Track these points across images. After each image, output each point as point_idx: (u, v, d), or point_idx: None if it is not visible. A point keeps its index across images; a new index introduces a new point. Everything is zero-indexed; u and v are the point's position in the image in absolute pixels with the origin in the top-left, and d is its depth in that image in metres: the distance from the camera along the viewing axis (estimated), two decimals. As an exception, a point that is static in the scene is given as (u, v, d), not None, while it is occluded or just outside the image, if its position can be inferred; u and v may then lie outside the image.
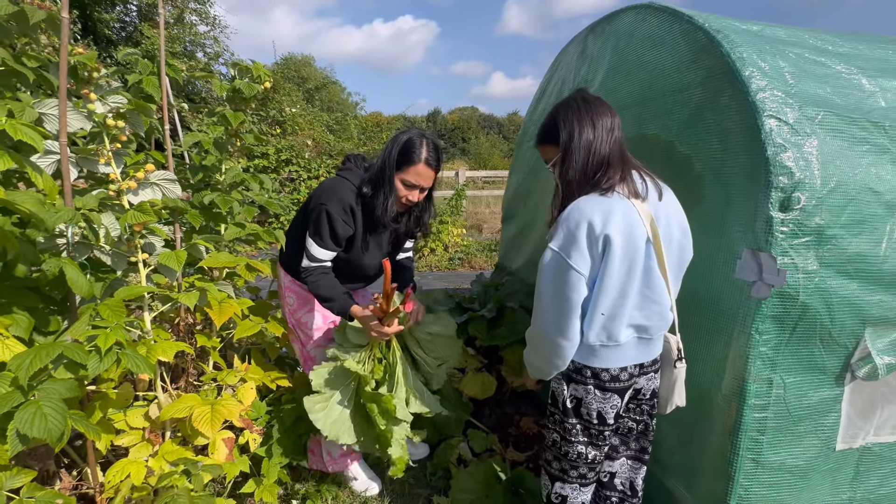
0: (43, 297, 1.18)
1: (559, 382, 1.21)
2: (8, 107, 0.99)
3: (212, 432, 1.26)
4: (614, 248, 1.01)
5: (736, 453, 1.22)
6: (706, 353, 1.33)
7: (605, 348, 1.11)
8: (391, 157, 1.45)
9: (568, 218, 1.05)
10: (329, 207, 1.46)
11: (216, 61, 11.35)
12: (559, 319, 1.07)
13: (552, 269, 1.06)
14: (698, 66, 1.41)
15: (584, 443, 1.19)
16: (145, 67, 1.57)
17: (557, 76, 2.56)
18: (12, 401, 0.91)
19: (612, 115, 1.13)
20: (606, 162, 1.09)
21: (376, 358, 1.53)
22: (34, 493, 0.99)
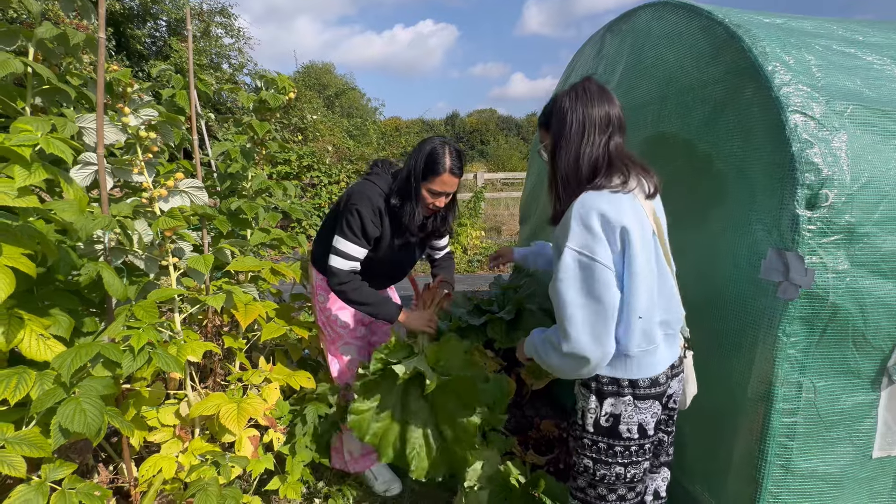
0: (82, 300, 1.26)
1: (586, 399, 1.08)
2: (52, 121, 1.06)
3: (238, 429, 1.31)
4: (634, 241, 0.94)
5: (764, 459, 1.19)
6: (731, 356, 1.30)
7: (643, 354, 1.02)
8: (416, 168, 1.50)
9: (579, 212, 0.96)
10: (360, 207, 1.53)
11: (240, 72, 11.72)
12: (596, 328, 0.94)
13: (576, 271, 0.95)
14: (719, 62, 1.38)
15: (622, 463, 1.07)
16: (178, 82, 1.65)
17: (575, 76, 2.54)
18: (55, 397, 0.97)
19: (612, 106, 1.04)
20: (599, 162, 1.02)
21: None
22: (75, 485, 1.04)
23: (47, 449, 0.96)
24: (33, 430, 1.00)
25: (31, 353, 0.97)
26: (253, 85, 1.82)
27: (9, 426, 0.99)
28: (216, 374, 1.80)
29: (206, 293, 1.60)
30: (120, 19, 9.89)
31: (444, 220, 1.70)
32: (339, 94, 16.30)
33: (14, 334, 0.94)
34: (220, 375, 1.83)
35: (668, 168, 1.62)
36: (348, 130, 9.12)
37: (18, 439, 0.96)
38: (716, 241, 1.38)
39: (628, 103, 1.88)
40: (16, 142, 0.85)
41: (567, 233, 0.97)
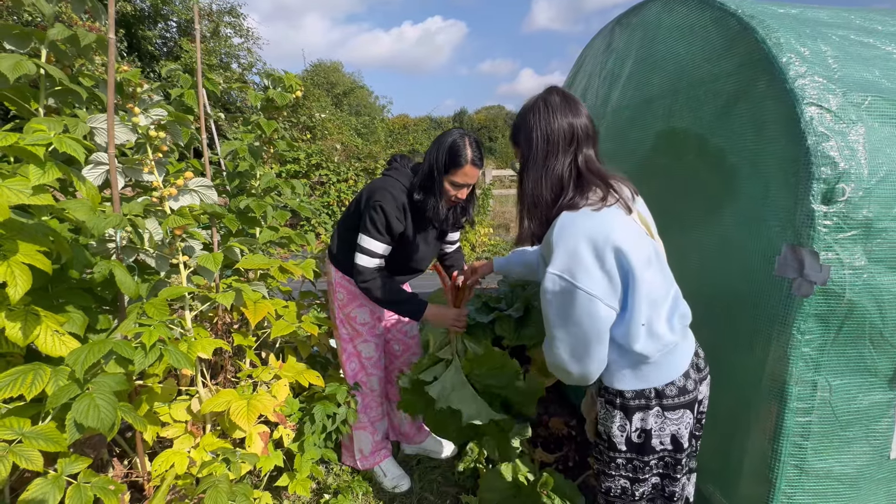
0: (95, 297, 1.28)
1: (611, 417, 1.03)
2: (64, 122, 1.08)
3: (248, 425, 1.32)
4: (629, 257, 0.90)
5: (777, 459, 1.17)
6: (743, 354, 1.28)
7: (663, 355, 0.98)
8: (438, 161, 1.50)
9: (562, 235, 0.92)
10: (384, 204, 1.53)
11: (249, 71, 11.82)
12: (576, 350, 0.96)
13: (556, 295, 0.93)
14: (731, 54, 1.35)
15: (659, 474, 1.04)
16: (186, 81, 1.67)
17: (584, 71, 2.52)
18: (70, 392, 0.99)
19: (577, 116, 0.99)
20: (564, 180, 0.98)
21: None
22: (90, 479, 1.07)
23: (63, 443, 0.98)
24: (49, 425, 1.02)
25: (47, 348, 0.99)
26: (261, 84, 1.83)
27: (26, 421, 1.01)
28: (226, 370, 1.82)
29: (216, 291, 1.62)
30: (131, 20, 10.03)
31: (465, 211, 1.71)
32: (348, 92, 16.36)
33: (31, 330, 0.96)
34: (230, 372, 1.85)
35: (679, 163, 1.59)
36: (356, 128, 9.16)
37: (35, 434, 0.98)
38: (727, 237, 1.36)
39: (638, 98, 1.86)
40: (30, 141, 0.86)
41: (551, 255, 0.94)
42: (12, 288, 0.84)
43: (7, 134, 0.86)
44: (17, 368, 0.99)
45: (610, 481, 1.06)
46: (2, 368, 1.06)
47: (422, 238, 1.68)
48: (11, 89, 1.15)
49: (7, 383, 0.95)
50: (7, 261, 0.85)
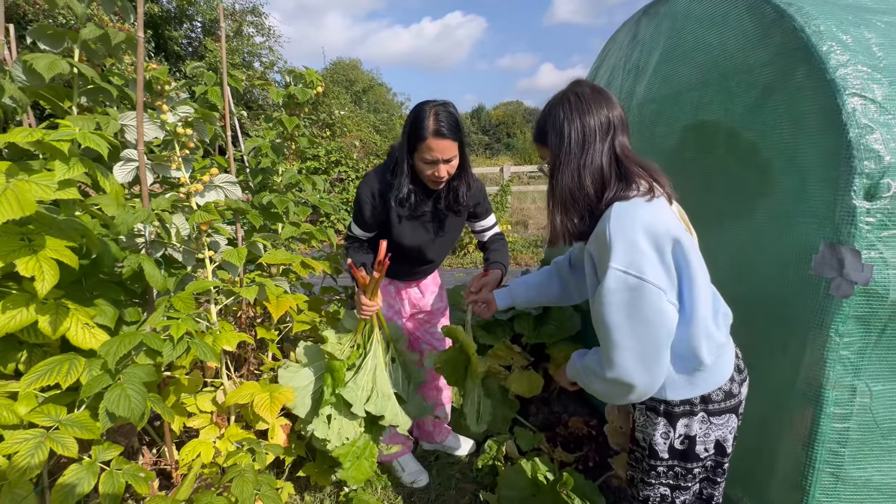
0: (125, 290, 1.31)
1: (653, 424, 0.98)
2: (97, 119, 1.11)
3: (271, 417, 1.35)
4: (686, 248, 0.86)
5: (812, 466, 1.12)
6: (776, 356, 1.23)
7: (716, 360, 0.94)
8: (404, 138, 1.40)
9: (619, 227, 0.85)
10: (360, 192, 1.51)
11: (271, 69, 12.01)
12: (646, 355, 0.85)
13: (622, 293, 0.84)
14: (767, 43, 1.29)
15: (701, 480, 1.01)
16: (210, 79, 1.70)
17: (606, 65, 2.46)
18: (102, 382, 1.02)
19: (611, 107, 0.95)
20: (605, 171, 0.93)
21: (358, 344, 1.47)
22: (121, 466, 1.10)
23: (96, 431, 1.02)
24: (84, 414, 1.06)
25: (77, 341, 1.03)
26: (283, 82, 1.86)
27: (62, 409, 1.05)
28: (250, 363, 1.86)
29: (240, 285, 1.65)
30: (158, 21, 10.30)
31: (457, 195, 1.53)
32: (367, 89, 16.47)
33: (60, 323, 0.99)
34: (253, 364, 1.88)
35: (707, 158, 1.54)
36: (375, 125, 9.21)
37: (70, 421, 1.01)
38: (760, 235, 1.31)
39: (665, 91, 1.80)
40: (55, 137, 0.89)
41: (609, 251, 0.85)
42: (40, 282, 0.87)
43: (33, 130, 0.89)
44: (53, 358, 1.03)
45: (649, 490, 1.01)
46: (39, 358, 1.11)
47: (414, 223, 1.56)
48: (47, 88, 1.19)
49: (44, 372, 0.99)
50: (36, 255, 0.88)
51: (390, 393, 1.46)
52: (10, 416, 1.02)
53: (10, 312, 0.93)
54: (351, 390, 1.36)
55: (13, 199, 0.79)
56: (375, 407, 1.39)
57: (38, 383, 0.97)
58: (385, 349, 1.51)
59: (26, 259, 0.86)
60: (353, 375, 1.40)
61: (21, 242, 0.90)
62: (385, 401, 1.42)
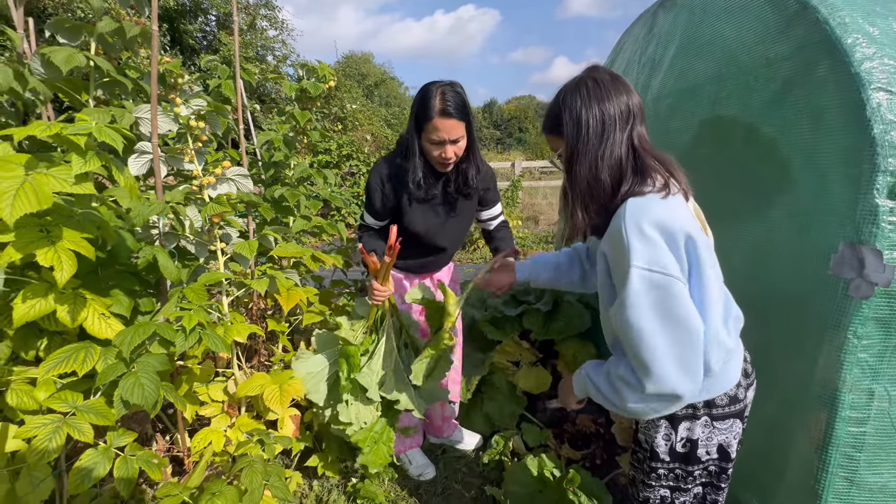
0: (140, 281, 1.34)
1: (655, 426, 0.96)
2: (112, 112, 1.13)
3: (281, 409, 1.36)
4: (700, 248, 0.82)
5: (825, 470, 1.10)
6: (790, 357, 1.20)
7: (723, 366, 0.91)
8: (412, 120, 1.39)
9: (634, 224, 0.81)
10: (369, 180, 1.52)
11: (284, 63, 12.07)
12: (685, 357, 0.79)
13: (648, 293, 0.79)
14: (788, 36, 1.26)
15: (703, 484, 0.99)
16: (223, 72, 1.71)
17: (622, 58, 2.42)
18: (117, 371, 1.05)
19: (630, 94, 0.89)
20: (623, 162, 0.89)
21: (370, 330, 1.46)
22: (135, 452, 1.13)
23: (111, 418, 1.04)
24: (99, 401, 1.09)
25: (94, 330, 1.05)
26: (296, 75, 1.86)
27: (78, 395, 1.07)
28: (260, 353, 1.89)
29: (251, 277, 1.67)
30: (174, 15, 10.40)
31: (466, 178, 1.51)
32: (378, 83, 16.46)
33: (78, 312, 1.01)
34: (263, 355, 1.91)
35: (723, 154, 1.51)
36: (386, 119, 9.22)
37: (87, 408, 1.04)
38: (776, 233, 1.28)
39: (681, 85, 1.76)
40: (72, 131, 0.90)
41: (626, 250, 0.80)
42: (59, 272, 0.89)
43: (51, 124, 0.91)
44: (70, 346, 1.05)
45: (649, 491, 1.00)
46: (58, 345, 1.14)
47: (424, 208, 1.55)
48: (65, 81, 1.22)
49: (62, 360, 1.02)
50: (54, 246, 0.90)
51: (404, 378, 1.45)
52: (29, 402, 1.06)
53: (30, 301, 0.96)
54: (366, 375, 1.36)
55: (31, 193, 0.81)
56: (391, 393, 1.39)
57: (56, 370, 1.00)
58: (398, 335, 1.51)
59: (45, 250, 0.88)
60: (367, 361, 1.40)
61: (40, 234, 0.92)
62: (401, 385, 1.42)
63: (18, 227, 0.89)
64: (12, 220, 0.80)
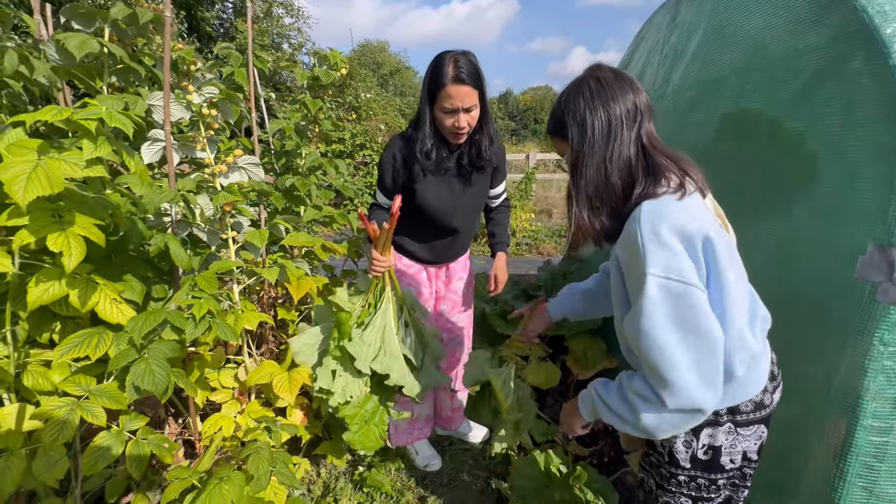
0: (153, 268, 1.35)
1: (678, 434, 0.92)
2: (125, 99, 1.13)
3: (290, 397, 1.38)
4: (719, 250, 0.78)
5: (843, 479, 1.06)
6: (810, 362, 1.16)
7: (750, 369, 0.88)
8: (424, 89, 1.38)
9: (649, 228, 0.78)
10: (382, 157, 1.52)
11: (300, 51, 12.07)
12: (704, 368, 0.76)
13: (666, 302, 0.76)
14: (821, 25, 1.19)
15: (726, 493, 0.96)
16: (236, 60, 1.70)
17: (643, 48, 2.34)
18: (129, 357, 1.06)
19: (637, 93, 0.85)
20: (632, 162, 0.85)
21: (369, 303, 1.42)
22: (147, 436, 1.15)
23: (123, 402, 1.06)
24: (112, 385, 1.11)
25: (105, 315, 1.07)
26: (310, 63, 1.84)
27: (91, 379, 1.09)
28: (269, 341, 1.90)
29: (262, 266, 1.68)
30: (191, 2, 10.45)
31: (480, 149, 1.49)
32: (393, 72, 16.35)
33: (89, 297, 1.03)
34: (273, 343, 1.93)
35: (746, 149, 1.45)
36: (401, 109, 9.16)
37: (100, 392, 1.06)
38: (799, 232, 1.23)
39: (704, 76, 1.70)
40: (82, 115, 0.91)
41: (641, 256, 0.77)
42: (67, 257, 0.90)
43: (62, 109, 0.91)
44: (83, 331, 1.07)
45: (669, 497, 0.96)
46: (71, 330, 1.16)
47: (438, 183, 1.52)
48: (80, 68, 1.22)
49: (75, 344, 1.04)
50: (65, 231, 0.91)
51: (399, 354, 1.41)
52: (45, 383, 1.08)
53: (43, 285, 0.97)
54: (356, 345, 1.31)
55: (43, 177, 0.82)
56: (381, 365, 1.34)
57: (69, 354, 1.02)
58: (397, 311, 1.46)
59: (56, 235, 0.89)
60: (361, 332, 1.36)
61: (52, 219, 0.93)
62: (392, 361, 1.37)
63: (31, 210, 0.90)
64: (25, 202, 0.80)
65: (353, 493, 1.75)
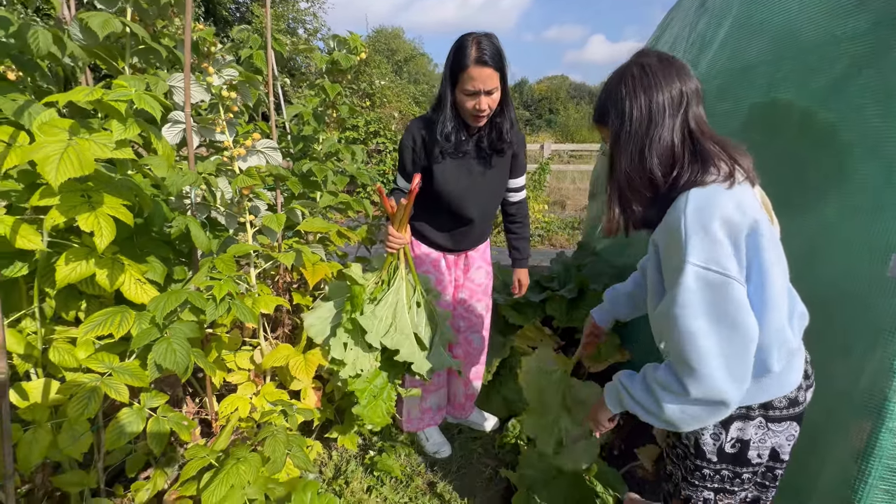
0: (173, 250, 1.37)
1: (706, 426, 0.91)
2: (146, 80, 1.13)
3: (306, 379, 1.39)
4: (764, 244, 0.76)
5: (864, 481, 1.04)
6: (834, 361, 1.13)
7: (785, 365, 0.86)
8: (445, 72, 1.38)
9: (697, 217, 0.76)
10: (402, 140, 1.52)
11: (315, 36, 12.01)
12: (732, 363, 0.75)
13: (703, 293, 0.75)
14: (863, 10, 1.14)
15: (754, 493, 0.96)
16: (255, 42, 1.69)
17: (669, 34, 2.27)
18: (151, 335, 1.08)
19: (684, 79, 0.83)
20: (676, 150, 0.83)
21: (383, 280, 1.42)
22: (167, 413, 1.18)
23: (145, 380, 1.08)
24: (134, 363, 1.13)
25: (130, 295, 1.08)
26: (326, 49, 1.83)
27: (114, 357, 1.12)
28: (285, 325, 1.93)
29: (278, 251, 1.69)
30: (208, -15, 10.44)
31: (501, 132, 1.48)
32: (408, 59, 16.20)
33: (116, 277, 1.04)
34: (287, 326, 1.95)
35: (776, 140, 1.41)
36: (415, 97, 9.09)
37: (122, 369, 1.08)
38: (830, 228, 1.19)
39: (733, 65, 1.64)
40: (112, 97, 0.91)
41: (682, 244, 0.76)
42: (98, 237, 0.91)
43: (93, 89, 0.91)
44: (106, 310, 1.09)
45: (692, 491, 0.95)
46: (96, 308, 1.18)
47: (457, 168, 1.51)
48: (102, 48, 1.22)
49: (99, 323, 1.06)
50: (95, 212, 0.92)
51: (409, 332, 1.41)
52: (70, 360, 1.11)
53: (72, 264, 0.99)
54: (368, 319, 1.32)
55: (74, 158, 0.83)
56: (392, 341, 1.35)
57: (93, 332, 1.04)
58: (410, 290, 1.45)
59: (86, 215, 0.90)
60: (373, 307, 1.36)
61: (81, 199, 0.94)
62: (402, 338, 1.38)
63: (61, 191, 0.91)
64: (57, 183, 0.81)
65: (363, 476, 1.77)
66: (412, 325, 1.42)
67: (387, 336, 1.34)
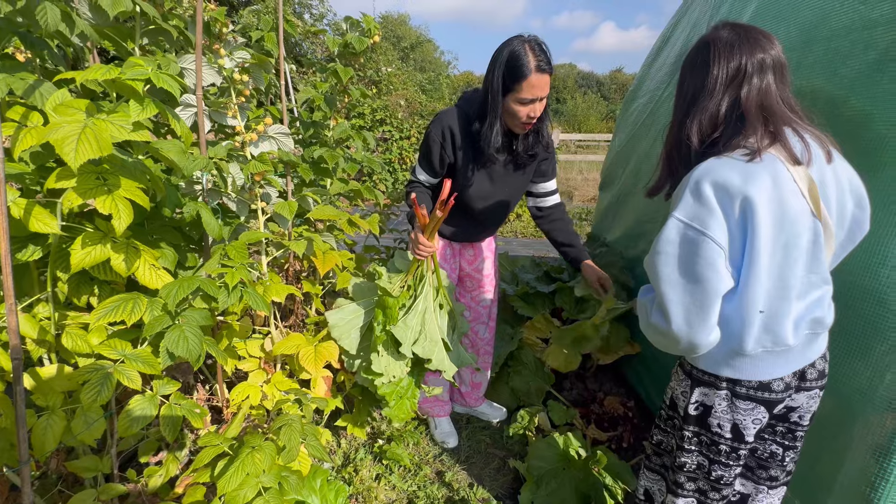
0: (184, 236, 1.35)
1: (679, 379, 1.02)
2: (157, 61, 1.10)
3: (316, 370, 1.38)
4: (759, 216, 0.79)
5: (884, 479, 1.02)
6: (855, 357, 1.11)
7: (767, 354, 0.89)
8: (497, 80, 1.32)
9: (693, 178, 0.83)
10: (430, 131, 1.46)
11: (321, 22, 11.86)
12: (690, 313, 0.84)
13: (678, 245, 0.83)
14: (903, -7, 1.09)
15: (707, 458, 0.99)
16: (266, 24, 1.65)
17: (687, 20, 2.21)
18: (163, 323, 1.07)
19: (752, 53, 0.85)
20: (717, 121, 0.87)
21: (408, 285, 1.43)
22: (179, 401, 1.17)
23: (157, 367, 1.07)
24: (146, 350, 1.12)
25: (145, 280, 1.07)
26: (337, 32, 1.78)
27: (127, 344, 1.11)
28: (296, 314, 1.92)
29: (288, 239, 1.67)
30: (212, -31, 10.29)
31: (538, 136, 1.47)
32: (414, 46, 16.00)
33: (132, 262, 1.03)
34: (298, 316, 1.94)
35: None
36: (421, 84, 8.98)
37: (135, 356, 1.07)
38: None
39: (758, 52, 1.59)
40: (130, 76, 0.88)
41: (676, 200, 0.86)
42: (116, 220, 0.90)
43: (110, 67, 0.88)
44: (119, 296, 1.08)
45: (686, 456, 1.02)
46: (107, 294, 1.17)
47: (482, 173, 1.49)
48: (112, 28, 1.19)
49: (111, 309, 1.04)
50: (111, 195, 0.90)
51: (438, 338, 1.43)
52: (83, 346, 1.10)
53: (87, 248, 0.97)
54: (401, 329, 1.34)
55: (92, 138, 0.80)
56: (423, 350, 1.38)
57: (106, 318, 1.03)
58: (435, 294, 1.47)
59: (104, 198, 0.88)
60: (403, 315, 1.38)
61: (97, 181, 0.92)
62: (432, 345, 1.40)
63: (78, 173, 0.89)
64: (76, 164, 0.79)
65: (372, 464, 1.78)
66: (440, 331, 1.45)
67: (417, 344, 1.37)
